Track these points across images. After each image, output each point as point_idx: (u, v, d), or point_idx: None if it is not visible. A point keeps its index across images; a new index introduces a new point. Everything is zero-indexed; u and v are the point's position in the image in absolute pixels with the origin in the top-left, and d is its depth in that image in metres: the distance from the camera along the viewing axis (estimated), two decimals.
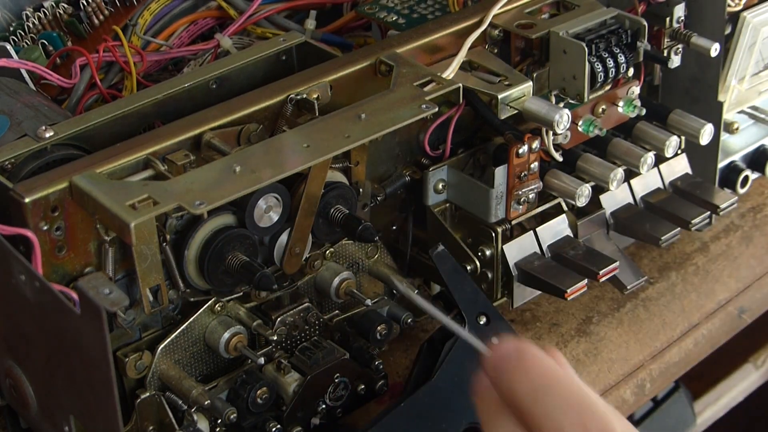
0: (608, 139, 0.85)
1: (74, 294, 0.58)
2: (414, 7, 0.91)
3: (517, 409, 0.53)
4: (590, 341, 0.84)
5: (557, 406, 0.52)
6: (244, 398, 0.70)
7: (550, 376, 0.53)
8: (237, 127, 0.70)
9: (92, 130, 0.71)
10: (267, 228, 0.69)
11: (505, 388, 0.54)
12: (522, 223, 0.81)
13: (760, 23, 0.90)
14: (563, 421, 0.52)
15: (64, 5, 0.96)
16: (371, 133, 0.68)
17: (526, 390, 0.53)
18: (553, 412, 0.52)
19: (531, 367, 0.53)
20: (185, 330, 0.69)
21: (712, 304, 0.89)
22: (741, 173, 0.94)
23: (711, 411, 1.11)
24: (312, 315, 0.73)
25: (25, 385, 0.66)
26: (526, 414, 0.53)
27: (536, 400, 0.52)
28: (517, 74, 0.78)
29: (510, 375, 0.53)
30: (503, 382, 0.54)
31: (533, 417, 0.52)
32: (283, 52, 0.78)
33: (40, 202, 0.62)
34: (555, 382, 0.53)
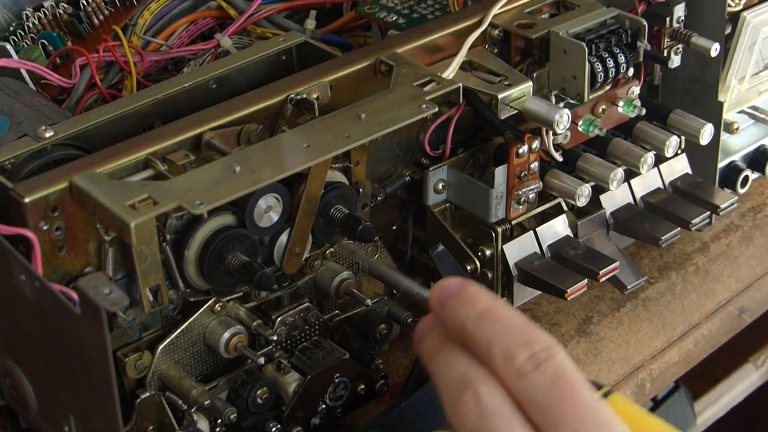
0: (608, 139, 0.85)
1: (74, 294, 0.57)
2: (414, 7, 0.91)
3: (463, 336, 0.55)
4: (590, 341, 0.84)
5: (502, 327, 0.54)
6: (244, 398, 0.70)
7: (492, 303, 0.55)
8: (237, 127, 0.70)
9: (92, 130, 0.71)
10: (267, 228, 0.69)
11: (451, 317, 0.55)
12: (522, 223, 0.81)
13: (760, 23, 0.90)
14: (510, 342, 0.53)
15: (64, 5, 0.96)
16: (371, 133, 0.67)
17: (471, 315, 0.54)
18: (498, 333, 0.54)
19: (474, 295, 0.55)
20: (185, 330, 0.69)
21: (712, 304, 0.89)
22: (741, 173, 0.94)
23: (711, 411, 1.11)
24: (312, 315, 0.73)
25: (25, 385, 0.66)
26: (472, 339, 0.54)
27: (482, 325, 0.54)
28: (517, 74, 0.78)
29: (455, 303, 0.55)
30: (449, 312, 0.55)
31: (480, 341, 0.54)
32: (283, 52, 0.78)
33: (40, 202, 0.62)
34: (497, 307, 0.55)
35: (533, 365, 0.52)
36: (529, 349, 0.53)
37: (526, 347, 0.53)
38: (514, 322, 0.54)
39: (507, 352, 0.53)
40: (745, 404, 1.14)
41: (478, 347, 0.54)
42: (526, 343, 0.53)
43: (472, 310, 0.55)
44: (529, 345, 0.53)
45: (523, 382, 0.52)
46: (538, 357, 0.52)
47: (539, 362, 0.52)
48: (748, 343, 1.12)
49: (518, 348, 0.53)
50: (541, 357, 0.52)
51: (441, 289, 0.56)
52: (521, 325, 0.54)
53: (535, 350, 0.53)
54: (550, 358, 0.52)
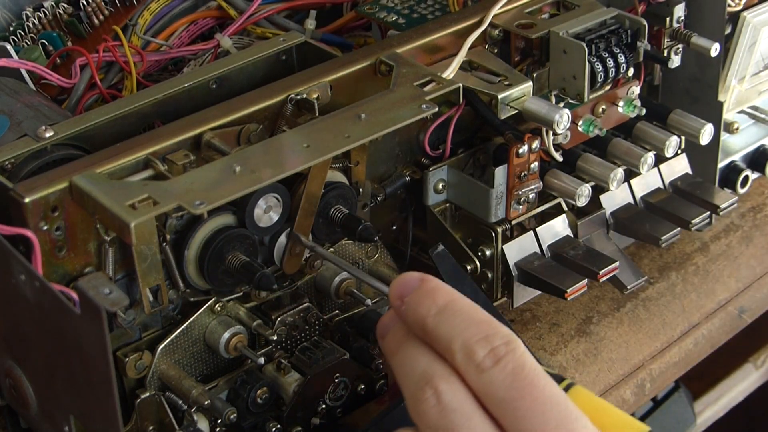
0: (608, 139, 0.85)
1: (74, 294, 0.57)
2: (414, 7, 0.91)
3: (423, 332, 0.54)
4: (590, 341, 0.84)
5: (462, 322, 0.54)
6: (244, 398, 0.70)
7: (452, 297, 0.55)
8: (237, 127, 0.70)
9: (92, 130, 0.71)
10: (267, 228, 0.69)
11: (411, 312, 0.55)
12: (522, 223, 0.81)
13: (760, 23, 0.90)
14: (470, 337, 0.53)
15: (64, 5, 0.96)
16: (371, 133, 0.67)
17: (431, 311, 0.54)
18: (458, 328, 0.53)
19: (433, 289, 0.55)
20: (185, 330, 0.69)
21: (712, 304, 0.89)
22: (741, 173, 0.94)
23: (711, 411, 1.11)
24: (312, 315, 0.73)
25: (25, 385, 0.66)
26: (432, 334, 0.54)
27: (441, 320, 0.54)
28: (517, 74, 0.78)
29: (414, 298, 0.55)
30: (409, 307, 0.55)
31: (440, 337, 0.54)
32: (283, 52, 0.78)
33: (40, 202, 0.62)
34: (457, 302, 0.55)
35: (493, 360, 0.52)
36: (488, 344, 0.53)
37: (485, 342, 0.53)
38: (474, 316, 0.54)
39: (467, 348, 0.53)
40: (745, 404, 1.14)
41: (438, 343, 0.54)
42: (486, 338, 0.53)
43: (432, 305, 0.54)
44: (489, 340, 0.53)
45: (484, 378, 0.52)
46: (497, 352, 0.52)
47: (499, 357, 0.52)
48: (748, 343, 1.12)
49: (478, 343, 0.53)
50: (500, 352, 0.52)
51: (400, 284, 0.56)
52: (481, 320, 0.54)
53: (495, 345, 0.53)
54: (510, 353, 0.52)
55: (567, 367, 0.82)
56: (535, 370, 0.52)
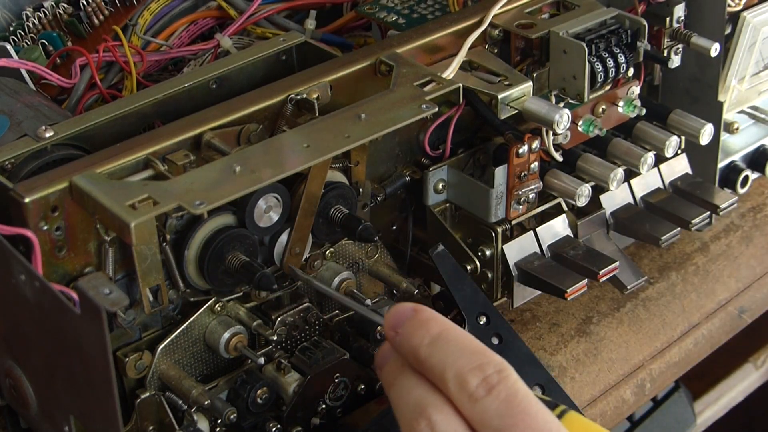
0: (608, 139, 0.85)
1: (74, 294, 0.57)
2: (414, 7, 0.91)
3: (417, 362, 0.55)
4: (590, 341, 0.84)
5: (455, 352, 0.54)
6: (244, 398, 0.70)
7: (445, 327, 0.55)
8: (237, 127, 0.70)
9: (92, 130, 0.71)
10: (267, 228, 0.69)
11: (405, 343, 0.55)
12: (522, 223, 0.81)
13: (760, 23, 0.90)
14: (462, 367, 0.53)
15: (64, 5, 0.96)
16: (371, 133, 0.67)
17: (424, 341, 0.55)
18: (451, 358, 0.54)
19: (427, 320, 0.56)
20: (185, 330, 0.69)
21: (712, 304, 0.89)
22: (741, 173, 0.94)
23: (711, 411, 1.11)
24: (312, 315, 0.73)
25: (25, 385, 0.66)
26: (426, 364, 0.54)
27: (434, 350, 0.54)
28: (517, 74, 0.78)
29: (408, 329, 0.56)
30: (403, 337, 0.56)
31: (433, 367, 0.54)
32: (283, 52, 0.78)
33: (40, 202, 0.62)
34: (450, 331, 0.55)
35: (486, 389, 0.53)
36: (481, 372, 0.53)
37: (478, 371, 0.53)
38: (466, 345, 0.54)
39: (459, 377, 0.53)
40: (745, 404, 1.14)
41: (431, 373, 0.54)
42: (479, 367, 0.53)
43: (426, 335, 0.55)
44: (482, 368, 0.53)
45: (477, 407, 0.53)
46: (490, 381, 0.53)
47: (492, 386, 0.53)
48: (748, 343, 1.12)
49: (470, 372, 0.53)
50: (493, 381, 0.53)
51: (394, 315, 0.57)
52: (473, 349, 0.54)
53: (487, 374, 0.53)
54: (503, 381, 0.53)
55: (567, 367, 0.82)
56: (528, 398, 0.53)
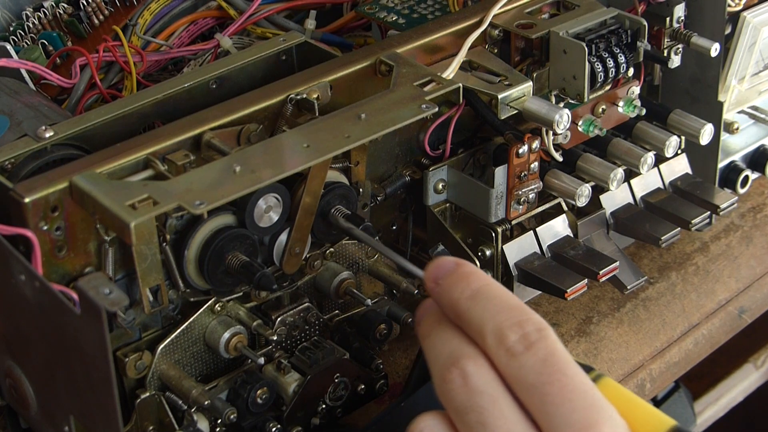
0: (608, 139, 0.85)
1: (74, 294, 0.58)
2: (414, 7, 0.91)
3: (456, 315, 0.54)
4: (590, 341, 0.84)
5: (495, 307, 0.54)
6: (244, 398, 0.70)
7: (486, 282, 0.55)
8: (237, 127, 0.70)
9: (92, 130, 0.71)
10: (267, 228, 0.69)
11: (445, 295, 0.55)
12: (522, 223, 0.81)
13: (760, 23, 0.90)
14: (502, 322, 0.53)
15: (64, 5, 0.96)
16: (371, 133, 0.68)
17: (464, 294, 0.54)
18: (491, 312, 0.53)
19: (468, 273, 0.55)
20: (185, 330, 0.69)
21: (712, 304, 0.89)
22: (741, 173, 0.94)
23: (711, 411, 1.11)
24: (312, 315, 0.73)
25: (25, 385, 0.66)
26: (465, 318, 0.54)
27: (475, 303, 0.54)
28: (517, 74, 0.78)
29: (448, 281, 0.55)
30: (443, 289, 0.55)
31: (472, 320, 0.54)
32: (283, 52, 0.78)
33: (40, 202, 0.62)
34: (491, 286, 0.55)
35: (524, 346, 0.52)
36: (520, 329, 0.52)
37: (517, 327, 0.53)
38: (507, 301, 0.54)
39: (498, 332, 0.53)
40: (745, 404, 1.14)
41: (469, 326, 0.54)
42: (518, 324, 0.53)
43: (466, 288, 0.54)
44: (521, 325, 0.53)
45: (514, 362, 0.52)
46: (529, 338, 0.52)
47: (530, 343, 0.52)
48: (748, 343, 1.12)
49: (510, 328, 0.53)
50: (532, 338, 0.52)
51: (436, 267, 0.56)
52: (514, 305, 0.54)
53: (527, 330, 0.52)
54: (542, 339, 0.52)
55: None
56: (566, 359, 0.52)
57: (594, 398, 0.52)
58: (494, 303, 0.54)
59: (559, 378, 0.52)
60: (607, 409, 0.52)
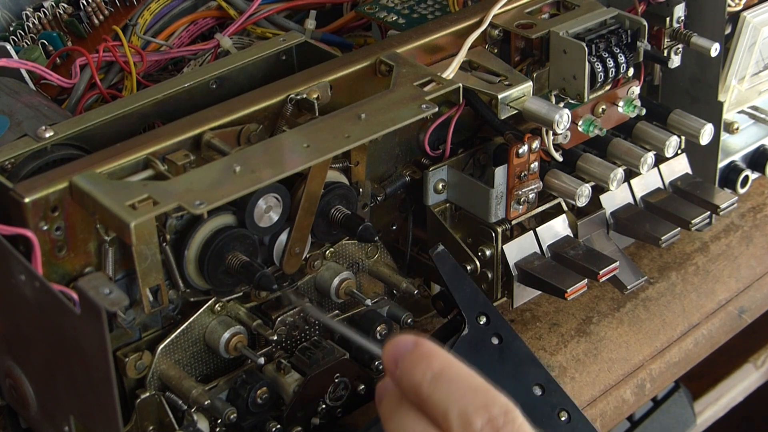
0: (608, 139, 0.85)
1: (74, 294, 0.58)
2: (414, 7, 0.91)
3: (418, 398, 0.53)
4: (590, 341, 0.84)
5: (459, 389, 0.52)
6: (244, 398, 0.70)
7: (448, 363, 0.53)
8: (237, 127, 0.70)
9: (92, 130, 0.71)
10: (267, 228, 0.69)
11: (405, 377, 0.53)
12: (522, 223, 0.81)
13: (760, 23, 0.90)
14: (467, 406, 0.51)
15: (64, 5, 0.96)
16: (371, 133, 0.68)
17: (426, 376, 0.53)
18: (455, 396, 0.52)
19: (429, 353, 0.53)
20: (185, 330, 0.69)
21: (712, 304, 0.89)
22: (741, 173, 0.94)
23: (711, 411, 1.11)
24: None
25: (25, 385, 0.66)
26: (427, 401, 0.52)
27: (437, 387, 0.52)
28: (517, 74, 0.78)
29: (409, 362, 0.53)
30: (403, 371, 0.53)
31: (435, 403, 0.52)
32: (283, 52, 0.78)
33: (40, 202, 0.62)
34: (453, 367, 0.53)
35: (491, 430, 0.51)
36: (486, 413, 0.51)
37: (483, 411, 0.51)
38: (470, 383, 0.52)
39: (464, 417, 0.51)
40: (745, 404, 1.14)
41: (433, 411, 0.52)
42: (484, 407, 0.51)
43: (427, 371, 0.53)
44: (487, 409, 0.51)
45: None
46: (496, 422, 0.51)
47: (498, 428, 0.51)
48: (748, 343, 1.12)
49: (475, 412, 0.51)
50: (499, 422, 0.51)
51: (394, 348, 0.54)
52: (478, 387, 0.52)
53: (493, 414, 0.51)
54: (509, 423, 0.51)
55: (567, 367, 0.82)
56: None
57: None
58: (457, 385, 0.52)
59: None
60: None
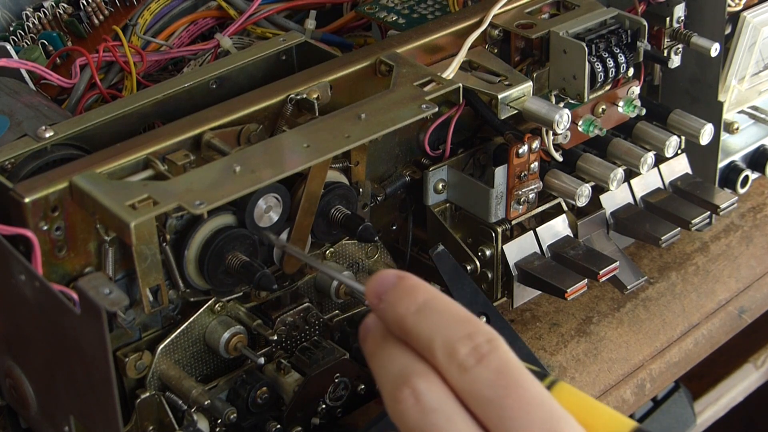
0: (608, 139, 0.85)
1: (74, 294, 0.58)
2: (414, 7, 0.91)
3: (402, 331, 0.52)
4: (590, 341, 0.84)
5: (443, 320, 0.51)
6: (244, 398, 0.70)
7: (432, 295, 0.52)
8: (237, 127, 0.70)
9: (92, 130, 0.71)
10: (267, 228, 0.69)
11: (389, 311, 0.52)
12: (522, 223, 0.81)
13: (760, 23, 0.90)
14: (451, 335, 0.51)
15: (64, 5, 0.96)
16: (371, 133, 0.67)
17: (410, 309, 0.52)
18: (439, 326, 0.51)
19: (412, 286, 0.53)
20: (185, 330, 0.69)
21: (712, 304, 0.89)
22: (741, 173, 0.94)
23: (711, 411, 1.11)
24: (312, 315, 0.73)
25: (25, 385, 0.66)
26: (412, 334, 0.52)
27: (421, 318, 0.52)
28: (517, 74, 0.78)
29: (393, 296, 0.53)
30: (387, 305, 0.53)
31: (420, 336, 0.51)
32: (283, 52, 0.78)
33: (40, 202, 0.62)
34: (437, 299, 0.52)
35: (476, 358, 0.50)
36: (470, 341, 0.50)
37: (467, 340, 0.50)
38: (455, 314, 0.52)
39: (448, 346, 0.50)
40: (745, 404, 1.14)
41: (418, 342, 0.52)
42: (468, 336, 0.51)
43: (412, 303, 0.52)
44: (471, 337, 0.51)
45: (466, 377, 0.50)
46: (480, 350, 0.50)
47: (482, 355, 0.50)
48: (748, 343, 1.12)
49: (460, 341, 0.50)
50: (483, 350, 0.50)
51: (378, 282, 0.53)
52: (463, 317, 0.52)
53: (477, 342, 0.50)
54: (493, 351, 0.50)
55: (567, 367, 0.82)
56: (519, 369, 0.51)
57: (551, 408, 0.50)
58: (441, 316, 0.52)
59: (515, 390, 0.50)
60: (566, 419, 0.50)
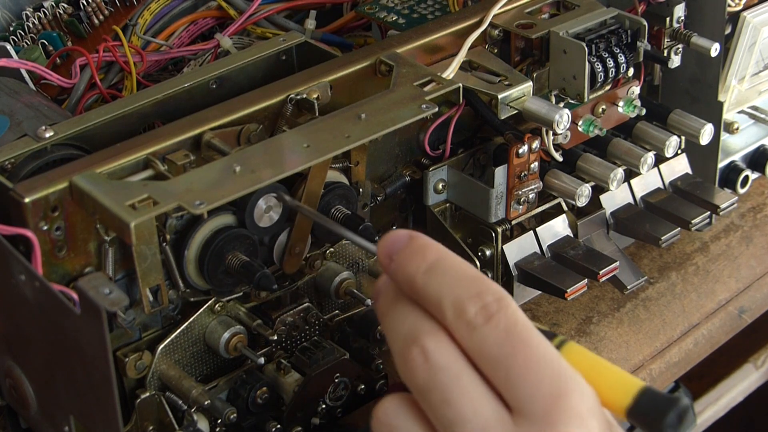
0: (608, 139, 0.85)
1: (74, 294, 0.58)
2: (414, 7, 0.91)
3: (413, 291, 0.52)
4: (590, 341, 0.84)
5: (452, 279, 0.51)
6: (244, 398, 0.70)
7: (442, 254, 0.52)
8: (237, 127, 0.70)
9: (92, 130, 0.71)
10: (267, 228, 0.69)
11: (400, 271, 0.53)
12: (522, 223, 0.81)
13: (760, 23, 0.90)
14: (460, 294, 0.51)
15: (64, 5, 0.96)
16: (371, 133, 0.67)
17: (420, 269, 0.52)
18: (448, 285, 0.51)
19: (422, 246, 0.53)
20: (185, 330, 0.69)
21: (712, 304, 0.89)
22: (741, 173, 0.94)
23: (711, 411, 1.11)
24: (312, 315, 0.73)
25: (25, 385, 0.66)
26: (422, 293, 0.52)
27: (431, 277, 0.52)
28: (517, 74, 0.78)
29: (403, 256, 0.53)
30: (398, 265, 0.53)
31: (429, 295, 0.52)
32: (283, 52, 0.78)
33: (40, 202, 0.62)
34: (447, 258, 0.52)
35: (484, 317, 0.50)
36: (479, 300, 0.51)
37: (476, 299, 0.51)
38: (464, 273, 0.52)
39: (457, 305, 0.51)
40: (745, 404, 1.14)
41: (427, 301, 0.52)
42: (477, 295, 0.51)
43: (422, 263, 0.52)
44: (480, 296, 0.51)
45: (475, 336, 0.50)
46: (489, 309, 0.50)
47: (491, 314, 0.50)
48: (748, 343, 1.12)
49: (469, 300, 0.51)
50: (492, 309, 0.50)
51: (389, 242, 0.53)
52: (472, 276, 0.52)
53: (486, 301, 0.51)
54: (502, 310, 0.50)
55: None
56: (528, 328, 0.51)
57: (560, 367, 0.50)
58: (451, 275, 0.52)
59: (523, 349, 0.50)
60: (574, 378, 0.50)
